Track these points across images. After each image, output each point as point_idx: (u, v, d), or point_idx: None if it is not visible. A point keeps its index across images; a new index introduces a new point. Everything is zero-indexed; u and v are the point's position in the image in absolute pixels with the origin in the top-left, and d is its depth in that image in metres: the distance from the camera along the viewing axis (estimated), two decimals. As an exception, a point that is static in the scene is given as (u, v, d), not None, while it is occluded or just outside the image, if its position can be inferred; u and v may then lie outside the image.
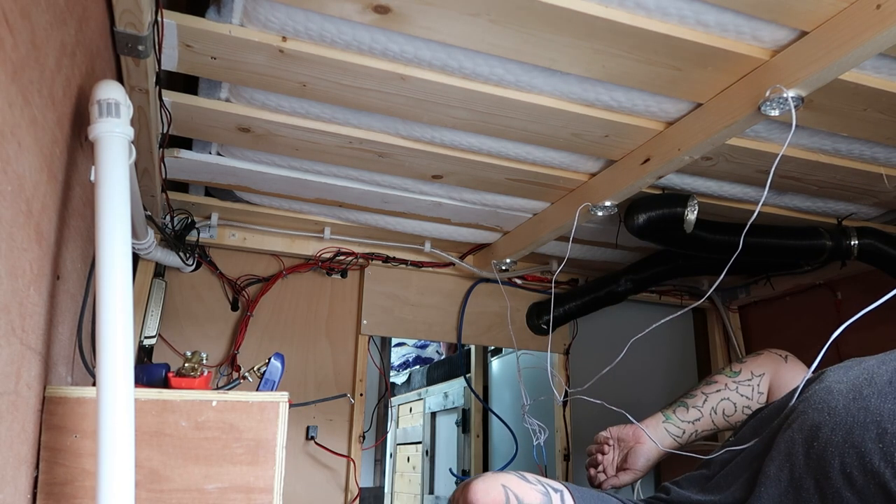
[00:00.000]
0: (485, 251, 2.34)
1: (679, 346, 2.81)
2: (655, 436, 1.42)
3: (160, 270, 2.07)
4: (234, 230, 2.13)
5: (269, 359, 1.28)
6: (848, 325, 0.93)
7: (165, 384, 1.13)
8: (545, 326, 2.46)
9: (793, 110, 1.17)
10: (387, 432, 4.01)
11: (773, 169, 1.31)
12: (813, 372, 1.01)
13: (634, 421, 1.44)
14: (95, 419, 0.79)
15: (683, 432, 1.43)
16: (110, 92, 0.91)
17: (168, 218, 1.93)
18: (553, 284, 2.17)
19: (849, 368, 0.97)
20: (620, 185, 1.63)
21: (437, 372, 4.04)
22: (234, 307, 2.17)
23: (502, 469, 2.69)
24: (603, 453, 1.50)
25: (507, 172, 1.73)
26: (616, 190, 1.65)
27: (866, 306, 0.96)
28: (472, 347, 3.23)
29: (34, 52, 0.74)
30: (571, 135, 1.52)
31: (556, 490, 1.05)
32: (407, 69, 1.28)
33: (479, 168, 1.70)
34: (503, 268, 2.26)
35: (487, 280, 2.42)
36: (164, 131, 1.42)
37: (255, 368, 1.28)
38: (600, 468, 1.49)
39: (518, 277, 2.48)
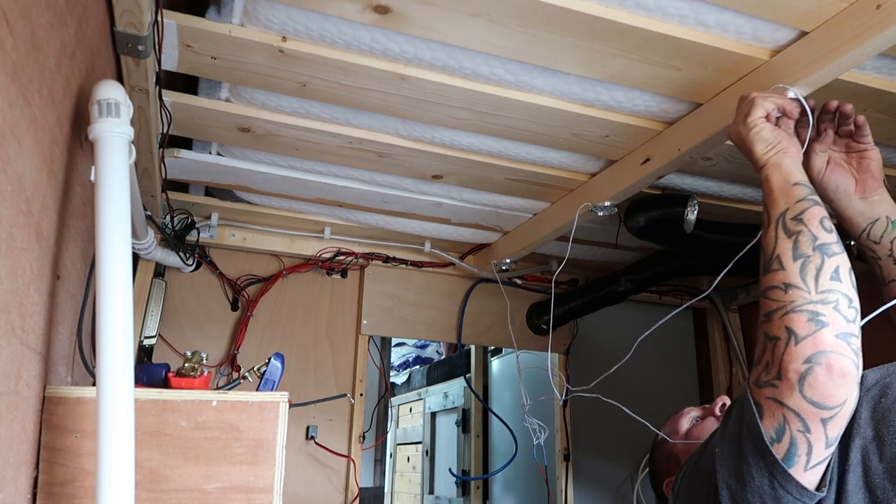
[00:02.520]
0: (485, 251, 2.34)
1: (679, 346, 2.81)
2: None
3: (160, 270, 2.07)
4: (234, 230, 2.13)
5: (269, 359, 1.28)
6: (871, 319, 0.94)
7: (165, 384, 1.13)
8: (545, 326, 2.46)
9: (806, 106, 1.15)
10: (387, 432, 4.02)
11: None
12: None
13: (636, 417, 1.39)
14: (95, 419, 0.79)
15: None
16: (110, 92, 0.91)
17: (168, 218, 1.93)
18: (553, 285, 2.17)
19: None
20: (620, 185, 1.63)
21: (437, 372, 4.04)
22: (234, 307, 2.17)
23: (502, 468, 2.69)
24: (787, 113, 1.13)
25: (507, 172, 1.73)
26: (616, 190, 1.65)
27: (865, 305, 0.96)
28: (472, 347, 3.23)
29: (34, 52, 0.74)
30: (571, 135, 1.52)
31: None
32: (407, 69, 1.28)
33: (479, 168, 1.70)
34: (503, 268, 2.26)
35: (487, 280, 2.42)
36: (164, 131, 1.42)
37: (255, 368, 1.28)
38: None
39: (518, 277, 2.48)
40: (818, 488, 0.84)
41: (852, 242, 1.83)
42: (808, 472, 0.83)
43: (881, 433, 0.88)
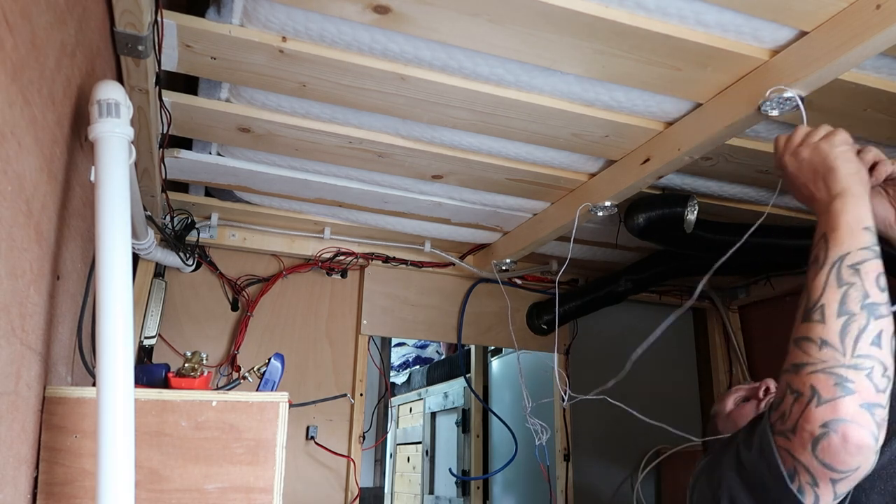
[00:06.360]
0: (485, 251, 2.34)
1: (679, 346, 2.81)
2: None
3: (160, 270, 2.07)
4: (234, 230, 2.13)
5: (269, 359, 1.28)
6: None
7: (165, 384, 1.13)
8: (545, 326, 2.46)
9: (802, 108, 1.15)
10: (387, 432, 4.02)
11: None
12: None
13: (640, 415, 1.39)
14: (95, 419, 0.79)
15: None
16: (110, 92, 0.91)
17: (168, 218, 1.93)
18: (556, 285, 2.17)
19: None
20: (620, 185, 1.63)
21: (437, 372, 4.04)
22: (234, 307, 2.17)
23: (502, 468, 2.69)
24: None
25: (507, 172, 1.73)
26: (616, 190, 1.65)
27: None
28: (472, 347, 3.22)
29: (34, 52, 0.74)
30: (571, 135, 1.52)
31: None
32: (407, 69, 1.28)
33: (479, 168, 1.70)
34: (503, 268, 2.25)
35: (487, 280, 2.42)
36: (164, 131, 1.42)
37: (255, 368, 1.28)
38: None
39: (518, 277, 2.48)
40: None
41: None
42: None
43: None
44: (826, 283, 0.86)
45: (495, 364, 3.24)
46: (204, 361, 1.18)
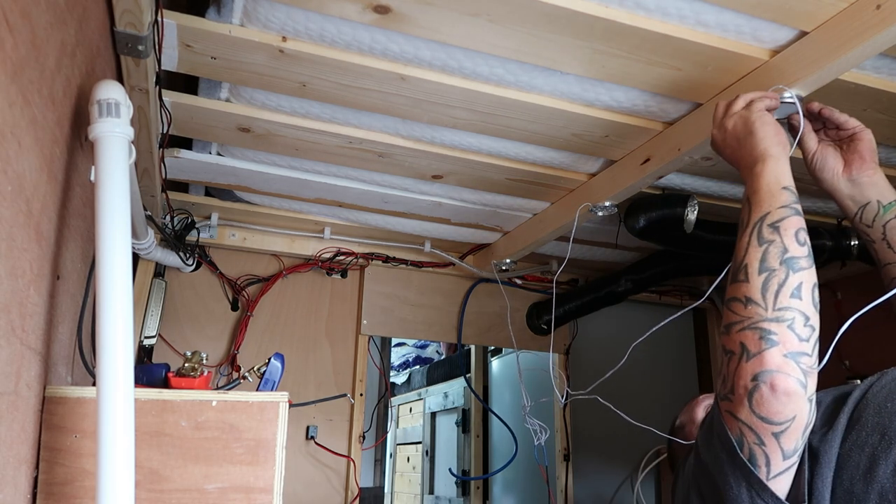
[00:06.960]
0: (485, 251, 2.34)
1: (679, 346, 2.81)
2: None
3: (160, 270, 2.08)
4: (234, 230, 2.14)
5: (269, 359, 1.28)
6: (850, 324, 0.93)
7: (165, 384, 1.13)
8: (545, 326, 2.46)
9: (800, 108, 1.15)
10: (387, 432, 4.02)
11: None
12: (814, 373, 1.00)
13: (632, 421, 1.40)
14: (95, 419, 0.79)
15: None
16: (110, 92, 0.91)
17: (168, 218, 1.93)
18: (554, 285, 2.17)
19: None
20: (620, 185, 1.63)
21: (437, 372, 4.04)
22: (234, 307, 2.17)
23: (502, 468, 2.69)
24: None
25: (507, 172, 1.73)
26: (616, 190, 1.65)
27: (866, 306, 0.96)
28: (472, 347, 3.23)
29: (34, 52, 0.74)
30: (571, 135, 1.52)
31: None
32: (407, 69, 1.28)
33: (479, 168, 1.70)
34: (503, 268, 2.26)
35: (487, 280, 2.42)
36: (164, 131, 1.42)
37: (255, 368, 1.28)
38: None
39: (518, 277, 2.48)
40: (790, 499, 0.84)
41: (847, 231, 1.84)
42: (772, 482, 0.84)
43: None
44: (748, 244, 0.91)
45: (495, 364, 3.24)
46: (204, 361, 1.19)
